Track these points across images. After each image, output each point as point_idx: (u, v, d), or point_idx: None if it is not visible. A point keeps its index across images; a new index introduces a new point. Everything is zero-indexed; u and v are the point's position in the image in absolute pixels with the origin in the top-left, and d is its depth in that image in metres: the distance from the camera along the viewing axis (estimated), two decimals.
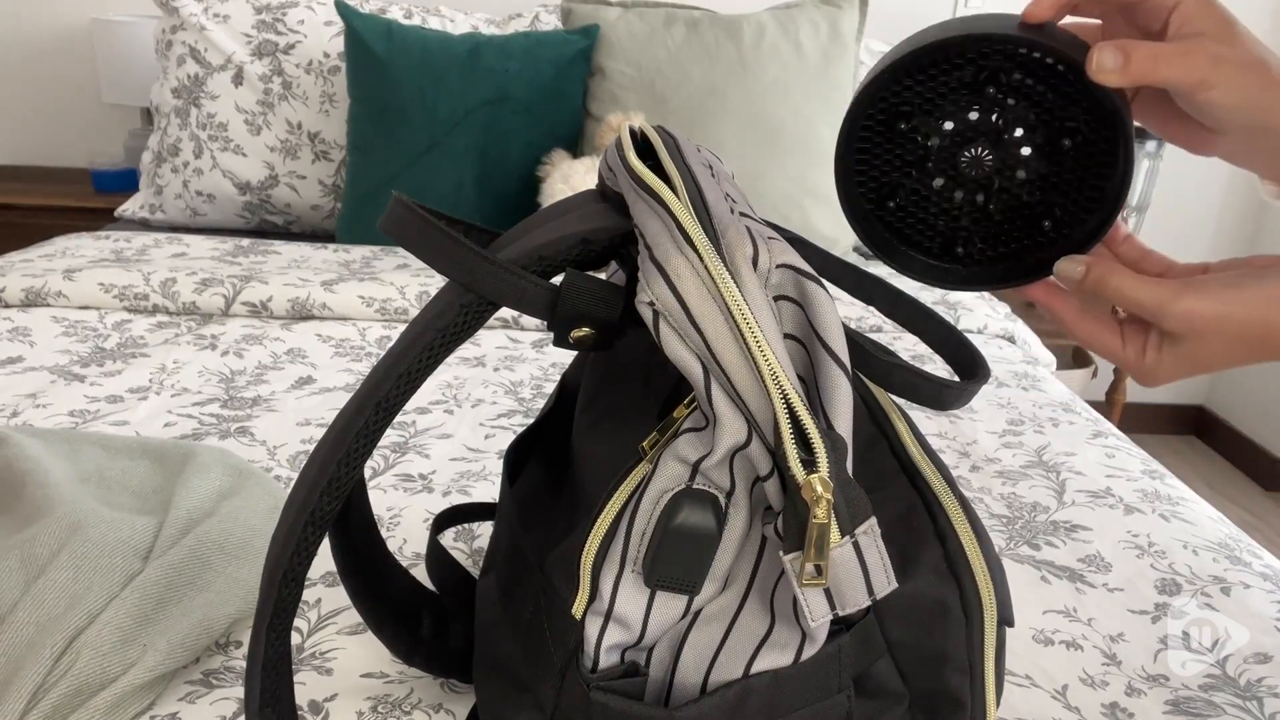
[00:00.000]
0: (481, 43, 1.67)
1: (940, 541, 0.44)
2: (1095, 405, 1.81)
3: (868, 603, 0.35)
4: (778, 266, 0.38)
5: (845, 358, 0.37)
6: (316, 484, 0.40)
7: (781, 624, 0.39)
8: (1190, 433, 2.61)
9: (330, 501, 0.40)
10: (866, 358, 0.44)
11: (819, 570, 0.34)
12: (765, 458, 0.36)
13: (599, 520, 0.40)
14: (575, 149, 1.72)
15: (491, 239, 0.47)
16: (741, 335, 0.35)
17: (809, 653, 0.40)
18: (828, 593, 0.35)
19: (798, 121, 1.68)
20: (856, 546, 0.35)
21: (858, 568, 0.35)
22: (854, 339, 0.43)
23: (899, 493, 0.46)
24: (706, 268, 0.36)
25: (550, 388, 1.10)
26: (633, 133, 0.47)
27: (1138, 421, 2.56)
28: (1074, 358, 2.41)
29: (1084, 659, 0.66)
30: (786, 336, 0.38)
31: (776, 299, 0.38)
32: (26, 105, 2.16)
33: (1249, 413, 2.43)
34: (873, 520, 0.35)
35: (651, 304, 0.37)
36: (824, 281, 0.39)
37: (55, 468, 0.69)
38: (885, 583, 0.36)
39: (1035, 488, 0.91)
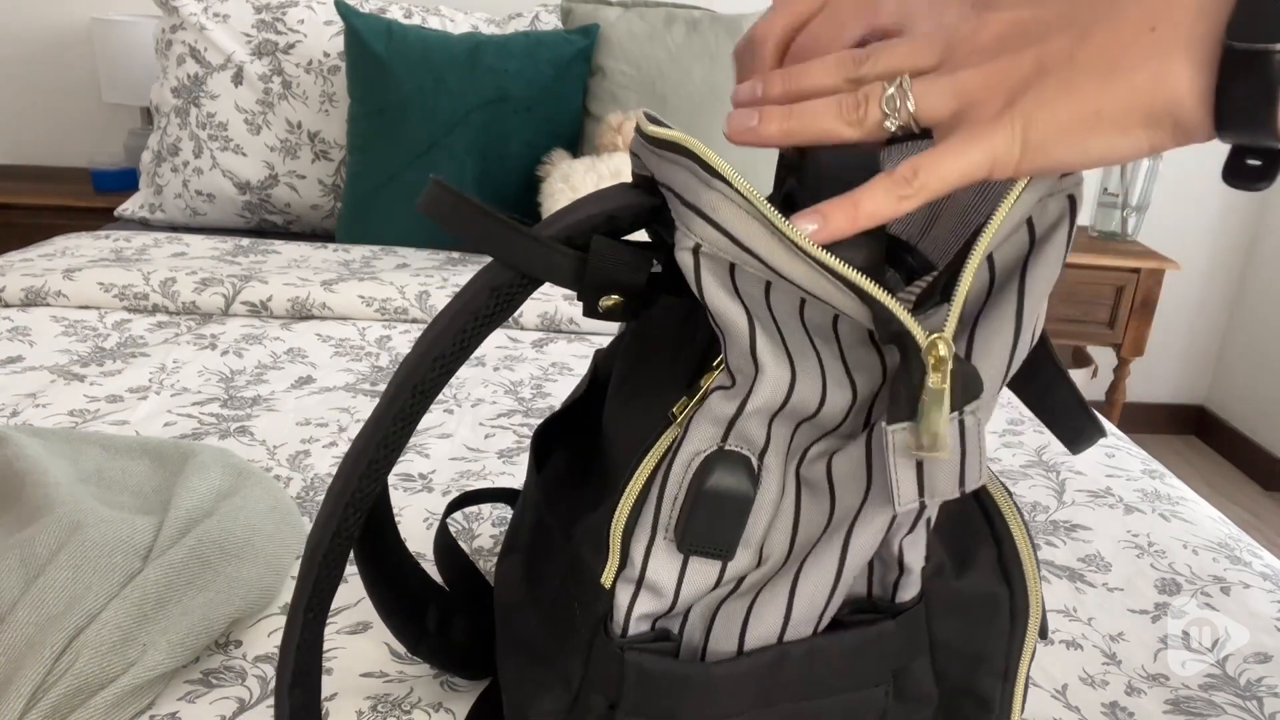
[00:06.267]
0: (481, 42, 1.67)
1: (996, 544, 0.44)
2: (1095, 405, 1.81)
3: (956, 493, 0.34)
4: None
5: (1032, 322, 0.35)
6: (355, 467, 0.41)
7: None
8: (1190, 432, 2.61)
9: (369, 484, 0.41)
10: (1047, 362, 0.42)
11: (924, 444, 0.32)
12: (865, 343, 0.35)
13: (629, 487, 0.39)
14: (575, 149, 1.72)
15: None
16: (793, 242, 0.34)
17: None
18: (919, 476, 0.34)
19: None
20: (962, 425, 0.33)
21: (958, 449, 0.33)
22: (1046, 341, 0.42)
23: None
24: (737, 190, 0.35)
25: (550, 387, 1.10)
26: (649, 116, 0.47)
27: (1138, 421, 2.56)
28: (1074, 358, 2.41)
29: (1084, 658, 0.66)
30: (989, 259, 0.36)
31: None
32: (26, 105, 2.15)
33: (1249, 413, 2.43)
34: (982, 401, 0.33)
35: (695, 248, 0.36)
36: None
37: (55, 467, 0.69)
38: (978, 475, 0.34)
39: (1035, 487, 0.91)
